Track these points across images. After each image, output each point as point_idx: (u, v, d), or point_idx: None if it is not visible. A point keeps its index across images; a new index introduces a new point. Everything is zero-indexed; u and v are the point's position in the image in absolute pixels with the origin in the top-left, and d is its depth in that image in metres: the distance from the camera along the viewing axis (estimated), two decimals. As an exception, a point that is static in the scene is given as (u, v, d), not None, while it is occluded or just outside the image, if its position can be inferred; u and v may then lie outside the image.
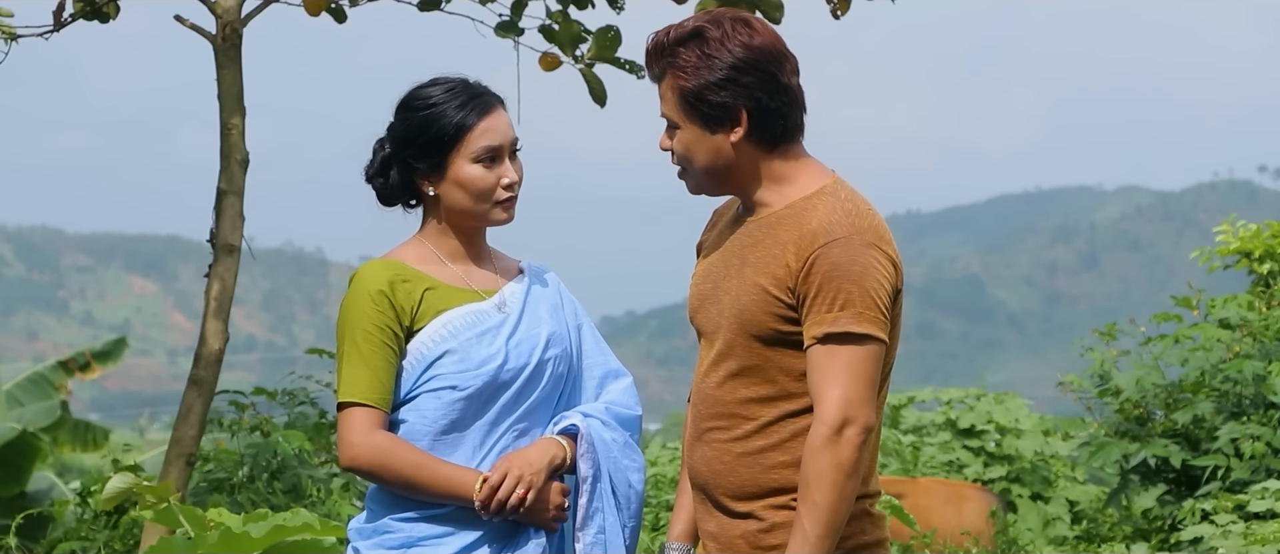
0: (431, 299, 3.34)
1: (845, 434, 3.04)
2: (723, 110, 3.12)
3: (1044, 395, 16.37)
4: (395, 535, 3.32)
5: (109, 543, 7.79)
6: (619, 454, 3.41)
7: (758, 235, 3.17)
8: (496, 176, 3.35)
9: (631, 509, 3.44)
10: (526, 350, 3.35)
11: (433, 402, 3.32)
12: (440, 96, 3.37)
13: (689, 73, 3.12)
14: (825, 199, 3.13)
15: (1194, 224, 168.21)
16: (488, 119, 3.35)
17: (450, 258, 3.41)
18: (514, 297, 3.41)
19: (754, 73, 3.11)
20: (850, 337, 3.05)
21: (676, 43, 3.15)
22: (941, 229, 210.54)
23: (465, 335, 3.33)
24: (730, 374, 3.17)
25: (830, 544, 3.04)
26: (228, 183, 6.02)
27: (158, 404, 55.61)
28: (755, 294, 3.13)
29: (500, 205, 3.37)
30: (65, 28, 6.14)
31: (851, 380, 3.05)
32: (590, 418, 3.41)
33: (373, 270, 3.34)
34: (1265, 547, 7.08)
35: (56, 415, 14.08)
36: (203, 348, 6.01)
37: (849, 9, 5.94)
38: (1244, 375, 8.73)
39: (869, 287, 3.06)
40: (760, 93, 3.12)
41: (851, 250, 3.06)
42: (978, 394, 12.07)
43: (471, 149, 3.34)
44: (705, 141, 3.15)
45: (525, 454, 3.31)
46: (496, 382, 3.32)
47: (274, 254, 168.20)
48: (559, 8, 6.17)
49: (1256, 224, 10.15)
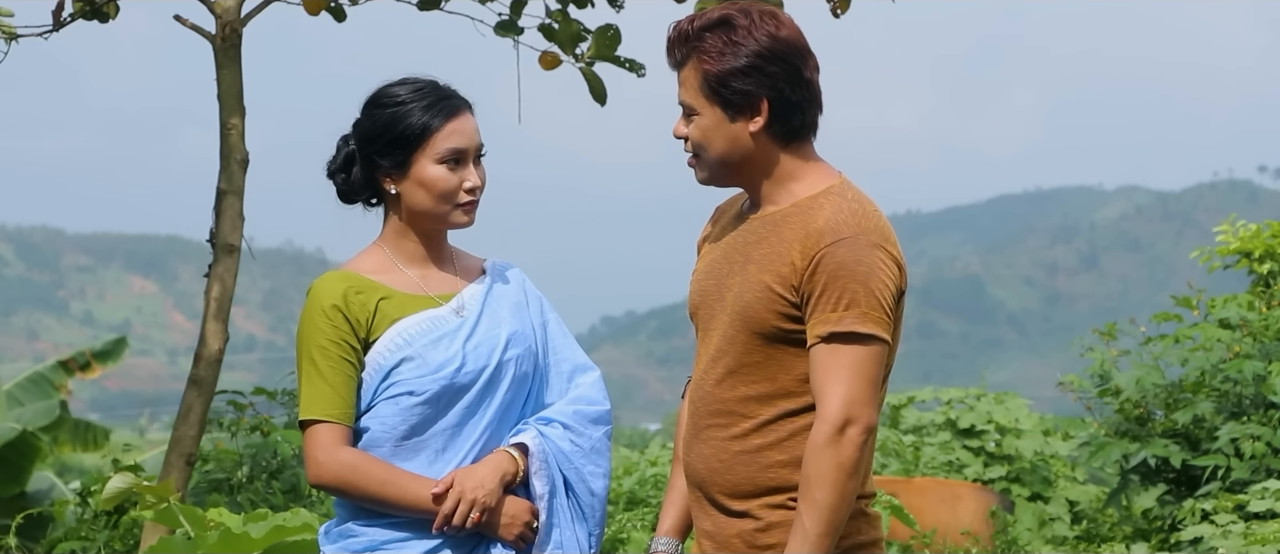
0: (386, 309, 3.33)
1: (847, 433, 3.04)
2: (745, 97, 3.12)
3: (1044, 395, 16.38)
4: (359, 539, 3.32)
5: (109, 543, 7.79)
6: (582, 462, 3.40)
7: (763, 233, 3.17)
8: (459, 179, 3.34)
9: (596, 517, 3.42)
10: (485, 352, 3.33)
11: (391, 409, 3.31)
12: (408, 96, 3.36)
13: (714, 57, 3.13)
14: (832, 198, 3.14)
15: (1194, 224, 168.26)
16: (455, 122, 3.35)
17: (408, 262, 3.39)
18: (473, 299, 3.39)
19: (778, 63, 3.12)
20: (854, 336, 3.05)
21: (703, 29, 3.15)
22: (941, 229, 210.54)
23: (421, 342, 3.31)
24: (729, 371, 3.17)
25: (830, 543, 3.04)
26: (228, 183, 6.02)
27: (158, 404, 55.61)
28: (759, 291, 3.12)
29: (461, 208, 3.36)
30: (65, 27, 6.14)
31: (855, 380, 3.05)
32: (551, 425, 3.39)
33: (326, 284, 3.34)
34: (1265, 547, 7.08)
35: (56, 415, 14.06)
36: (203, 348, 6.01)
37: (849, 8, 5.94)
38: (1244, 375, 8.73)
39: (874, 287, 3.06)
40: (783, 84, 3.13)
41: (858, 250, 3.06)
42: (978, 394, 12.07)
43: (436, 150, 3.33)
44: (724, 129, 3.15)
45: (475, 473, 3.29)
46: (454, 385, 3.31)
47: (274, 254, 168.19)
48: (558, 7, 6.17)
49: (1256, 224, 10.14)
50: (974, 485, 10.75)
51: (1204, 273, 10.19)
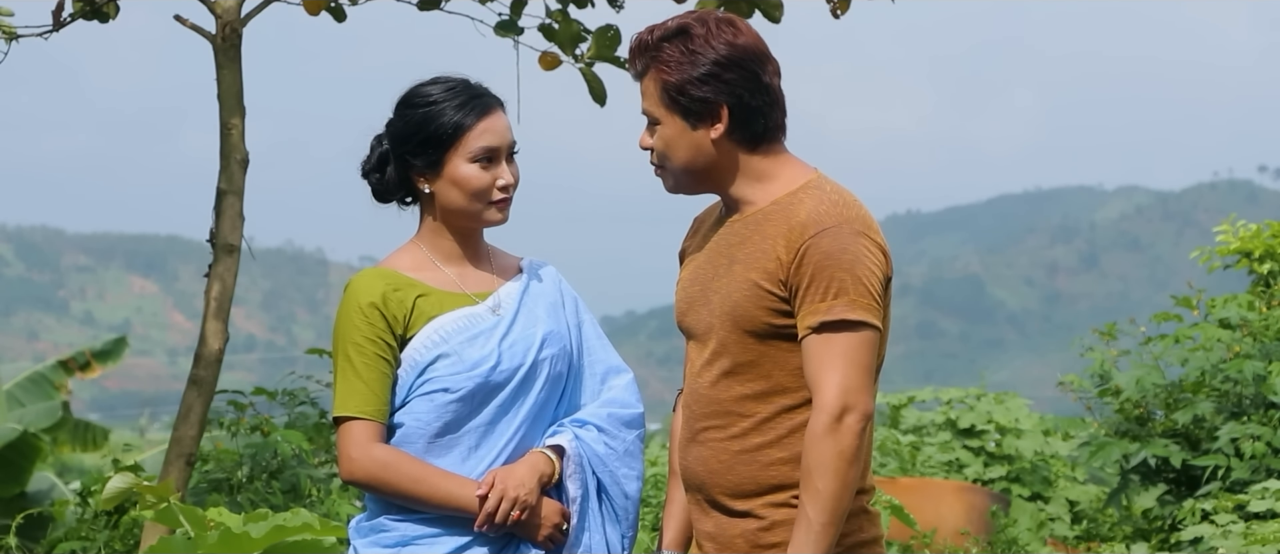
0: (423, 306, 3.35)
1: (845, 421, 3.05)
2: (704, 105, 3.15)
3: (1044, 395, 16.38)
4: (390, 533, 3.33)
5: (109, 543, 7.79)
6: (617, 464, 3.41)
7: (744, 233, 3.19)
8: (492, 177, 3.36)
9: (629, 520, 3.44)
10: (521, 351, 3.35)
11: (425, 405, 3.33)
12: (440, 95, 3.38)
13: (672, 67, 3.16)
14: (811, 192, 3.16)
15: (1194, 224, 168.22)
16: (487, 120, 3.37)
17: (445, 260, 3.41)
18: (509, 297, 3.41)
19: (736, 70, 3.15)
20: (845, 324, 3.07)
21: (661, 39, 3.19)
22: (941, 229, 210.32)
23: (458, 339, 3.33)
24: (724, 372, 3.18)
25: (835, 533, 3.05)
26: (228, 183, 6.02)
27: (158, 404, 55.55)
28: (747, 289, 3.14)
29: (495, 206, 3.38)
30: (65, 28, 6.14)
31: (849, 368, 3.06)
32: (585, 427, 3.40)
33: (364, 281, 3.36)
34: (1265, 547, 7.07)
35: (58, 416, 14.08)
36: (203, 348, 6.01)
37: (849, 8, 5.94)
38: (1244, 375, 8.73)
39: (861, 274, 3.08)
40: (742, 90, 3.15)
41: (842, 239, 3.08)
42: (978, 394, 12.07)
43: (469, 149, 3.35)
44: (686, 137, 3.18)
45: (515, 472, 3.31)
46: (489, 383, 3.32)
47: (274, 254, 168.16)
48: (558, 7, 6.17)
49: (1256, 224, 10.14)
50: (977, 486, 10.75)
51: (1204, 273, 10.19)
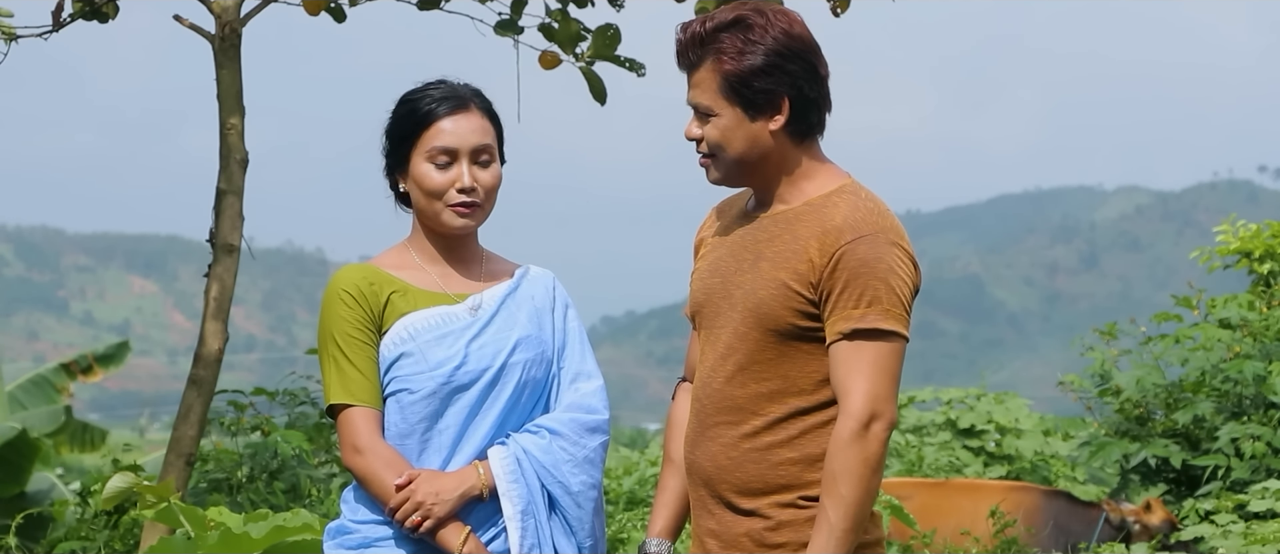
0: (397, 303, 3.29)
1: (872, 429, 3.04)
2: (766, 96, 3.12)
3: (1044, 395, 16.38)
4: (353, 536, 3.29)
5: (109, 543, 7.79)
6: (570, 472, 3.30)
7: (774, 230, 3.16)
8: (449, 179, 3.29)
9: (586, 529, 3.32)
10: (490, 353, 3.28)
11: (392, 405, 3.28)
12: (418, 93, 3.34)
13: (732, 57, 3.11)
14: (846, 197, 3.14)
15: (1194, 224, 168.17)
16: (450, 119, 3.30)
17: (430, 261, 3.36)
18: (491, 299, 3.34)
19: (797, 61, 3.12)
20: (877, 333, 3.05)
21: (717, 29, 3.14)
22: (941, 229, 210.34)
23: (424, 337, 3.27)
24: (740, 368, 3.15)
25: (855, 539, 3.04)
26: (227, 183, 6.02)
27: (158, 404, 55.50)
28: (774, 288, 3.11)
29: (452, 208, 3.30)
30: (65, 28, 6.15)
31: (878, 376, 3.05)
32: (538, 434, 3.30)
33: (344, 274, 3.32)
34: (1265, 547, 7.08)
35: (61, 421, 14.08)
36: (202, 348, 6.02)
37: (849, 7, 5.94)
38: (1244, 375, 8.73)
39: (894, 284, 3.06)
40: (802, 81, 3.13)
41: (877, 247, 3.06)
42: (978, 394, 12.07)
43: (426, 147, 3.29)
44: (744, 128, 3.14)
45: (439, 480, 3.23)
46: (453, 384, 3.26)
47: (274, 254, 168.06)
48: (558, 6, 6.17)
49: (1256, 224, 10.15)
50: (1014, 485, 10.74)
51: (1204, 273, 10.20)
